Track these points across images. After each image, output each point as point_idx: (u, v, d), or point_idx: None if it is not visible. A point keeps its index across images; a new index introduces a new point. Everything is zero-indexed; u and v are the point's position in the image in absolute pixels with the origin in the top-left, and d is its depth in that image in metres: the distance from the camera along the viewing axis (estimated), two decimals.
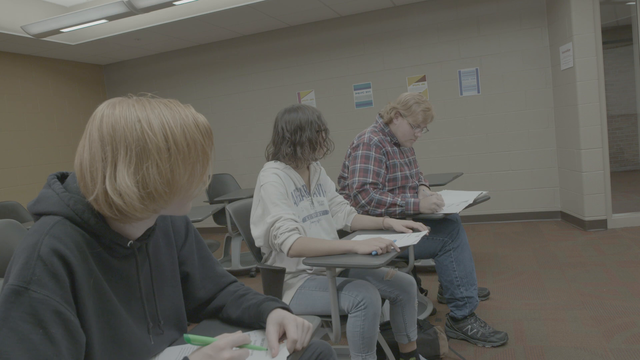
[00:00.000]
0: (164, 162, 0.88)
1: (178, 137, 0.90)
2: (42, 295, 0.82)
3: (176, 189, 0.91)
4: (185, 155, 0.91)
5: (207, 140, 0.95)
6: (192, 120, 0.94)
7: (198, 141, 0.93)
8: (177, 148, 0.90)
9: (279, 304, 1.14)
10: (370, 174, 2.47)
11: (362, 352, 1.82)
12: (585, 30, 4.35)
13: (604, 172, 4.48)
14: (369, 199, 2.43)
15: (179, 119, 0.92)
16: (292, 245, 1.81)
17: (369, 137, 2.56)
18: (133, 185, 0.87)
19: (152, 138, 0.88)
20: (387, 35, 5.49)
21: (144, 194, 0.88)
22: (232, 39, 6.08)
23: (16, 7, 4.65)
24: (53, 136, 5.90)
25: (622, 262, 3.53)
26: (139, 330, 1.02)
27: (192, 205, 3.81)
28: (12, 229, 1.64)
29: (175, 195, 0.92)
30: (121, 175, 0.87)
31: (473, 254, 2.59)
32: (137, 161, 0.87)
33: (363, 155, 2.51)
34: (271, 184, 1.93)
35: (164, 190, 0.89)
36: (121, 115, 0.90)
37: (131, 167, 0.87)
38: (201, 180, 0.97)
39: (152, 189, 0.88)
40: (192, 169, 0.93)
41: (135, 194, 0.87)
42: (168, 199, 0.91)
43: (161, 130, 0.89)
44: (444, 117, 5.35)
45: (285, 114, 2.04)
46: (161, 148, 0.88)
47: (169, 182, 0.90)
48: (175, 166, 0.90)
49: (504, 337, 2.47)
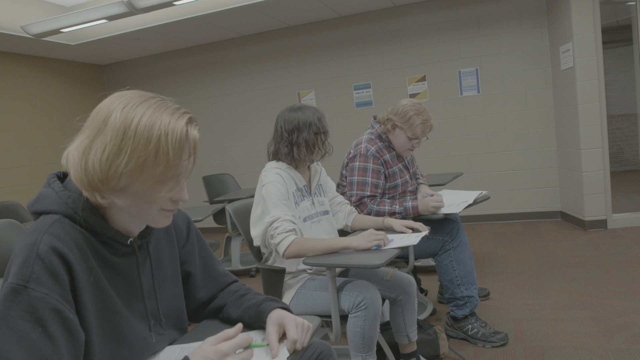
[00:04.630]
0: (112, 144, 0.90)
1: (141, 128, 0.90)
2: (41, 293, 0.82)
3: (113, 173, 0.90)
4: (138, 147, 0.89)
5: (177, 149, 0.92)
6: (173, 126, 0.91)
7: (164, 143, 0.90)
8: (135, 137, 0.90)
9: (278, 304, 1.14)
10: (368, 187, 2.43)
11: (362, 352, 1.82)
12: (585, 30, 4.35)
13: (604, 172, 4.48)
14: (367, 211, 2.41)
15: (158, 117, 0.91)
16: (288, 246, 1.82)
17: (365, 148, 2.47)
18: (79, 154, 0.91)
19: (116, 120, 0.90)
20: (387, 35, 5.49)
21: (83, 165, 0.91)
22: (232, 39, 6.08)
23: (16, 7, 4.65)
24: (53, 136, 5.90)
25: (622, 262, 3.53)
26: (140, 329, 1.02)
27: (193, 205, 3.75)
28: (12, 229, 1.64)
29: (111, 180, 0.90)
30: (76, 143, 0.93)
31: (473, 254, 2.59)
32: (94, 135, 0.91)
33: (360, 167, 2.44)
34: (273, 184, 1.93)
35: (99, 169, 0.90)
36: (115, 99, 0.94)
37: (87, 139, 0.92)
38: (162, 188, 0.93)
39: (89, 162, 0.90)
40: (143, 164, 0.90)
41: (76, 162, 0.92)
42: (103, 179, 0.90)
43: (130, 117, 0.91)
44: (444, 117, 5.35)
45: (286, 112, 2.03)
46: (118, 130, 0.90)
47: (107, 162, 0.90)
48: (123, 152, 0.89)
49: (504, 337, 2.47)
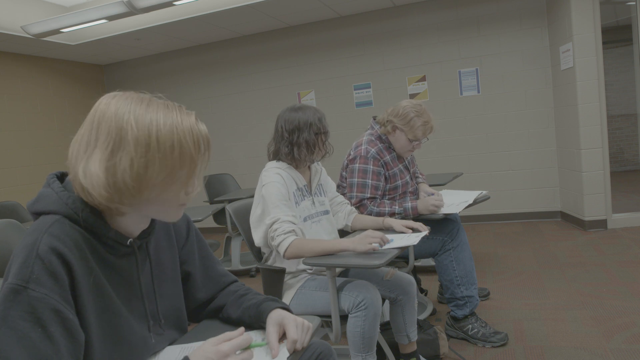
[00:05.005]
0: (139, 157, 0.89)
1: (163, 136, 0.90)
2: (40, 293, 0.82)
3: (145, 185, 0.91)
4: (165, 156, 0.91)
5: (196, 148, 0.94)
6: (187, 125, 0.93)
7: (185, 146, 0.92)
8: (159, 147, 0.90)
9: (278, 304, 1.14)
10: (368, 189, 2.43)
11: (362, 352, 1.82)
12: (585, 30, 4.34)
13: (604, 172, 4.48)
14: (367, 213, 2.41)
15: (171, 120, 0.92)
16: (288, 247, 1.82)
17: (366, 150, 2.46)
18: (102, 171, 0.89)
19: (134, 130, 0.89)
20: (387, 35, 5.49)
21: (110, 182, 0.89)
22: (232, 39, 6.08)
23: (16, 7, 4.65)
24: (53, 136, 5.90)
25: (622, 262, 3.53)
26: (140, 329, 1.02)
27: (192, 205, 3.73)
28: (12, 229, 1.64)
29: (144, 192, 0.91)
30: (94, 158, 0.90)
31: (473, 254, 2.59)
32: (113, 149, 0.89)
33: (360, 169, 2.44)
34: (273, 184, 1.93)
35: (131, 184, 0.89)
36: (116, 105, 0.92)
37: (106, 153, 0.89)
38: (184, 186, 0.96)
39: (119, 178, 0.89)
40: (172, 171, 0.92)
41: (101, 180, 0.89)
42: (136, 193, 0.91)
43: (147, 126, 0.90)
44: (444, 117, 5.35)
45: (286, 112, 2.03)
46: (140, 142, 0.89)
47: (139, 176, 0.90)
48: (151, 163, 0.90)
49: (504, 337, 2.47)
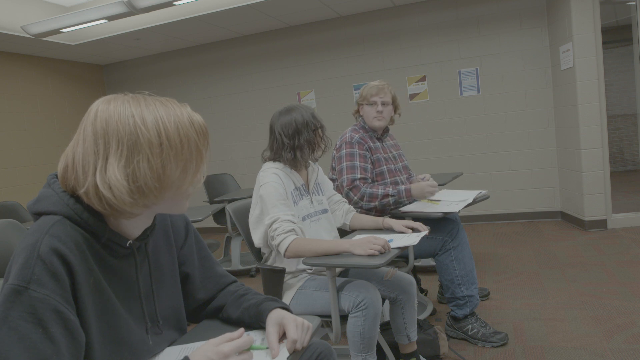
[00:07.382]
0: (156, 157, 0.89)
1: (171, 133, 0.91)
2: (41, 294, 0.82)
3: (167, 184, 0.92)
4: (177, 152, 0.92)
5: (201, 138, 0.96)
6: (187, 118, 0.95)
7: (192, 139, 0.94)
8: (170, 144, 0.91)
9: (278, 304, 1.14)
10: (358, 169, 2.51)
11: (362, 352, 1.82)
12: (585, 30, 4.34)
13: (604, 172, 4.48)
14: (360, 194, 2.46)
15: (173, 116, 0.93)
16: (288, 246, 1.82)
17: (350, 136, 2.61)
18: (123, 178, 0.88)
19: (145, 133, 0.89)
20: (387, 35, 5.49)
21: (134, 188, 0.89)
22: (232, 39, 6.08)
23: (16, 7, 4.65)
24: (53, 136, 5.90)
25: (622, 262, 3.53)
26: (139, 330, 1.02)
27: (192, 205, 3.75)
28: (12, 229, 1.64)
29: (166, 191, 0.93)
30: (112, 168, 0.88)
31: (473, 254, 2.59)
32: (128, 155, 0.89)
33: (347, 153, 2.55)
34: (271, 184, 1.93)
35: (154, 185, 0.90)
36: (115, 110, 0.91)
37: (122, 160, 0.88)
38: (194, 178, 0.97)
39: (142, 183, 0.89)
40: (185, 165, 0.93)
41: (124, 187, 0.88)
42: (158, 194, 0.92)
43: (154, 126, 0.90)
44: (444, 117, 5.36)
45: (280, 117, 2.03)
46: (153, 143, 0.89)
47: (160, 177, 0.90)
48: (167, 162, 0.91)
49: (505, 337, 2.47)
